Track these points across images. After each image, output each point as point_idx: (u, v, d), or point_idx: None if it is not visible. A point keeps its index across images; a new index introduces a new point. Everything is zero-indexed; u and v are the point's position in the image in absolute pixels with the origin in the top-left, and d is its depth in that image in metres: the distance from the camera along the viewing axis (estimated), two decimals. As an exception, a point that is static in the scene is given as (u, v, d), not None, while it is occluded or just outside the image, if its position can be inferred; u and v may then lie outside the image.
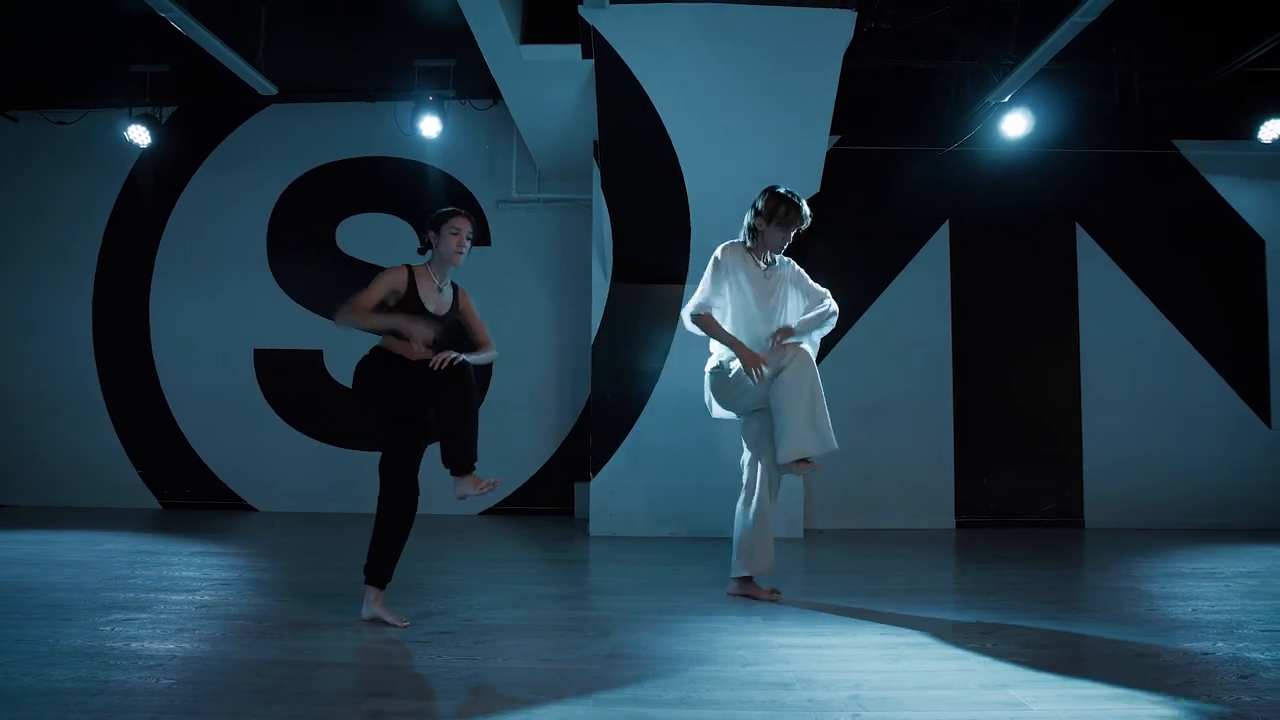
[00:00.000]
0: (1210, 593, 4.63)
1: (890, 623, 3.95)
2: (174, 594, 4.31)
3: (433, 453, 3.95)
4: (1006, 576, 5.08)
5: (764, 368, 4.11)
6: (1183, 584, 4.89)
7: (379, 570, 3.80)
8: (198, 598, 4.25)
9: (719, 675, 3.13)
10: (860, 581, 4.98)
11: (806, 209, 4.26)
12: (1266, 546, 6.10)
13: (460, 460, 3.61)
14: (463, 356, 3.67)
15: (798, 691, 2.98)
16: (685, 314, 4.38)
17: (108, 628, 3.59)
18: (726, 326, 4.31)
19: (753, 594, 4.35)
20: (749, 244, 4.39)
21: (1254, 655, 3.40)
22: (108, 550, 5.50)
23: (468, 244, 3.97)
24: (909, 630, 3.83)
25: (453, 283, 4.08)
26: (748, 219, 4.37)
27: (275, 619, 3.90)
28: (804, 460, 4.15)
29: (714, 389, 4.42)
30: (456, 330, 4.04)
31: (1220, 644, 3.58)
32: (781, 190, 4.27)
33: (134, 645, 3.35)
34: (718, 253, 4.34)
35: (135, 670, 3.04)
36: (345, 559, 5.53)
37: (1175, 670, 3.20)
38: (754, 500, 4.35)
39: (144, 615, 3.84)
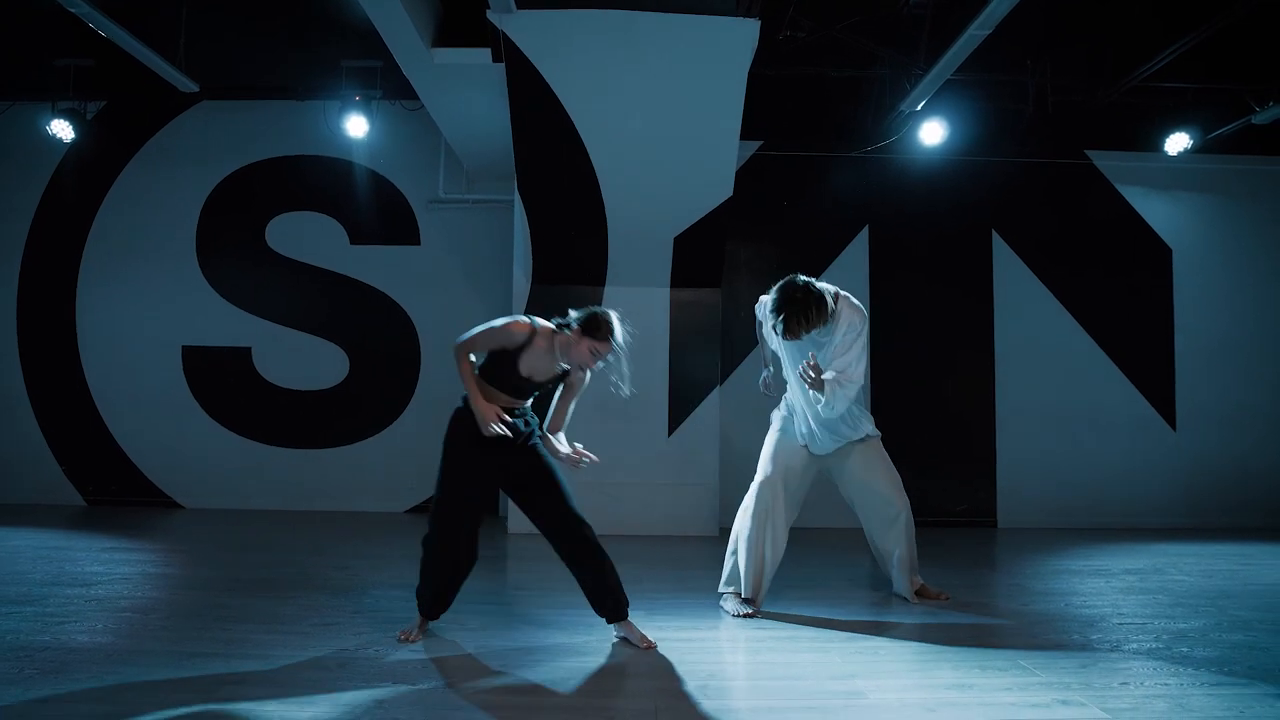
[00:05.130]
0: (1088, 589, 4.81)
1: (771, 617, 4.07)
2: (69, 588, 4.33)
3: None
4: (901, 573, 5.22)
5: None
6: (1066, 580, 5.06)
7: (429, 601, 3.60)
8: (92, 591, 4.28)
9: (580, 666, 3.23)
10: (758, 578, 5.10)
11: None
12: (1160, 545, 6.31)
13: (609, 605, 3.53)
14: (534, 435, 3.58)
15: (650, 680, 3.09)
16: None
17: (-12, 620, 3.63)
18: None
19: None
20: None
21: (1101, 648, 3.57)
22: (16, 546, 5.49)
23: (598, 365, 3.51)
24: (785, 624, 3.96)
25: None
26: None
27: (162, 611, 3.96)
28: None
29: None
30: (546, 392, 3.65)
31: (1075, 637, 3.75)
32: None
33: (9, 638, 3.40)
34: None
35: (0, 661, 3.09)
36: (256, 554, 5.60)
37: (1021, 662, 3.34)
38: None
39: (30, 609, 3.87)
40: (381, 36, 5.17)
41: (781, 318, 3.91)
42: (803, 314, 3.89)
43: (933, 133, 6.90)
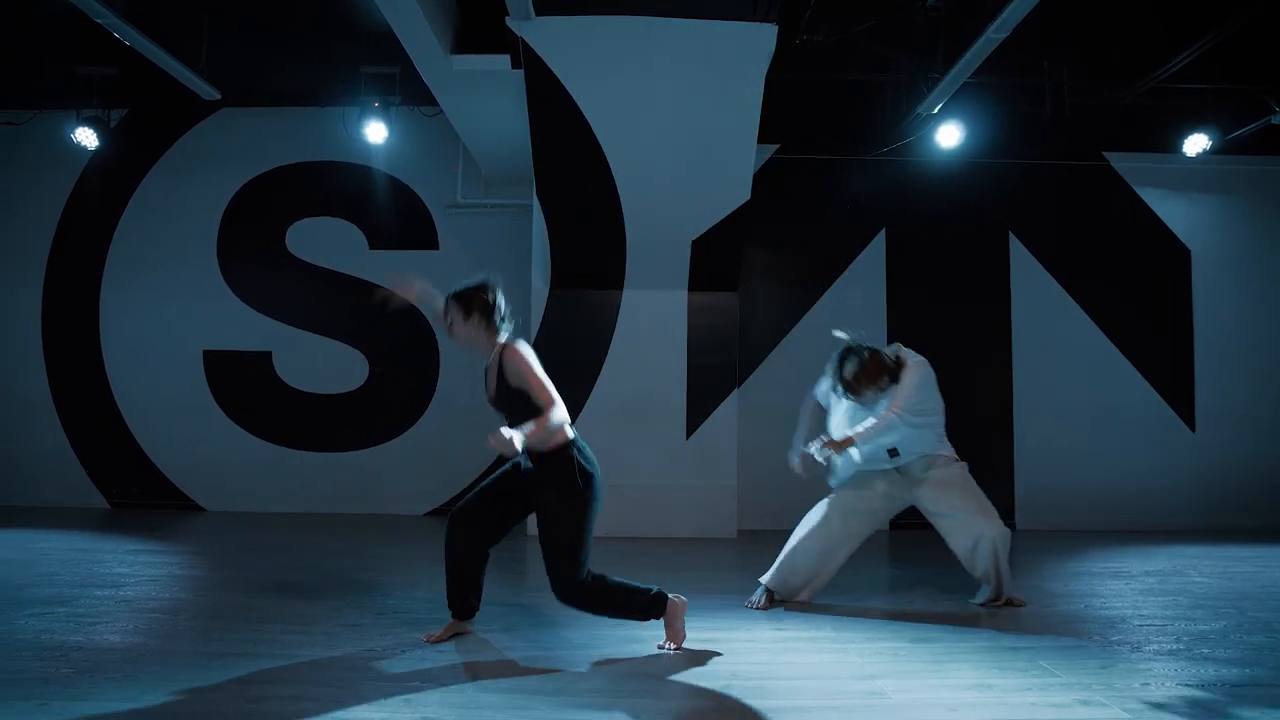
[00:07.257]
0: (1109, 590, 4.81)
1: (789, 618, 4.10)
2: (99, 589, 4.40)
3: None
4: (919, 575, 5.25)
5: None
6: (1086, 582, 5.07)
7: (450, 599, 3.67)
8: (121, 593, 4.35)
9: (602, 669, 3.27)
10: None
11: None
12: (1180, 546, 6.29)
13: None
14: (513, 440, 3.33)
15: (673, 682, 3.12)
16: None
17: (21, 621, 3.70)
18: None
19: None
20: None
21: (1121, 649, 3.58)
22: (43, 548, 5.58)
23: (449, 325, 3.62)
24: (804, 625, 3.98)
25: (500, 345, 3.61)
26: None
27: (190, 611, 4.02)
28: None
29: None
30: (520, 406, 3.61)
31: (1095, 638, 3.75)
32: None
33: (43, 637, 3.46)
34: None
35: (37, 660, 3.15)
36: (280, 556, 5.66)
37: (1042, 662, 3.36)
38: None
39: (62, 609, 3.94)
40: (401, 43, 5.23)
41: (847, 378, 4.20)
42: (866, 371, 4.20)
43: (949, 135, 6.90)
